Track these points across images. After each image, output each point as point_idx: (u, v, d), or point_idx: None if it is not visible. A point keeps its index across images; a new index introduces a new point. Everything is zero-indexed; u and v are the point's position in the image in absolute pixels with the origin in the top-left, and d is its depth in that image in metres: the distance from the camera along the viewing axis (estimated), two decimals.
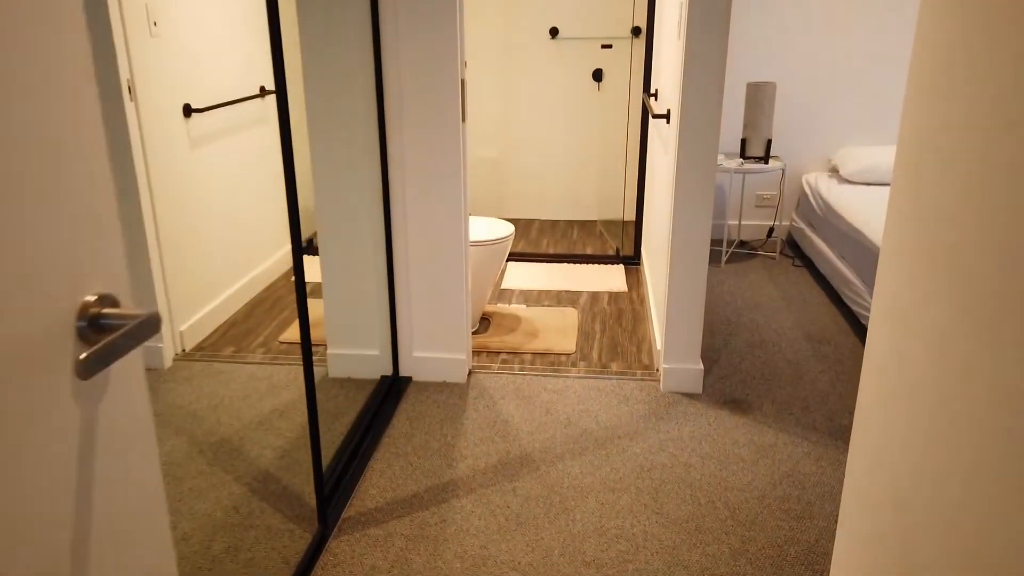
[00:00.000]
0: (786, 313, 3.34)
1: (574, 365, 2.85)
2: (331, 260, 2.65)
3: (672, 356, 2.63)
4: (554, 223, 4.67)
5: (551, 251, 4.15)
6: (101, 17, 2.58)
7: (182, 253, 3.09)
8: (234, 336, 3.22)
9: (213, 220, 3.33)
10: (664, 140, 2.91)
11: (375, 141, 2.49)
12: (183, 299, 3.11)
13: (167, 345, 2.96)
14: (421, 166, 2.52)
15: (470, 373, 2.79)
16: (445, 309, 2.69)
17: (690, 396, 2.62)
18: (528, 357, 2.92)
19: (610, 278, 3.75)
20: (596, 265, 3.94)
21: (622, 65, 4.37)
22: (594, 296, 3.53)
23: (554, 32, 4.34)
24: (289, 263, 3.96)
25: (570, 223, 4.67)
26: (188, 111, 3.12)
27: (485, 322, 3.25)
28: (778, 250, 4.14)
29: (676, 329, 2.61)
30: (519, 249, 4.16)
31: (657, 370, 2.77)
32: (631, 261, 3.97)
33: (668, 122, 2.75)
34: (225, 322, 3.37)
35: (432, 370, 2.75)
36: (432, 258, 2.62)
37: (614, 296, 3.53)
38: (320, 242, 2.65)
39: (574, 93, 4.45)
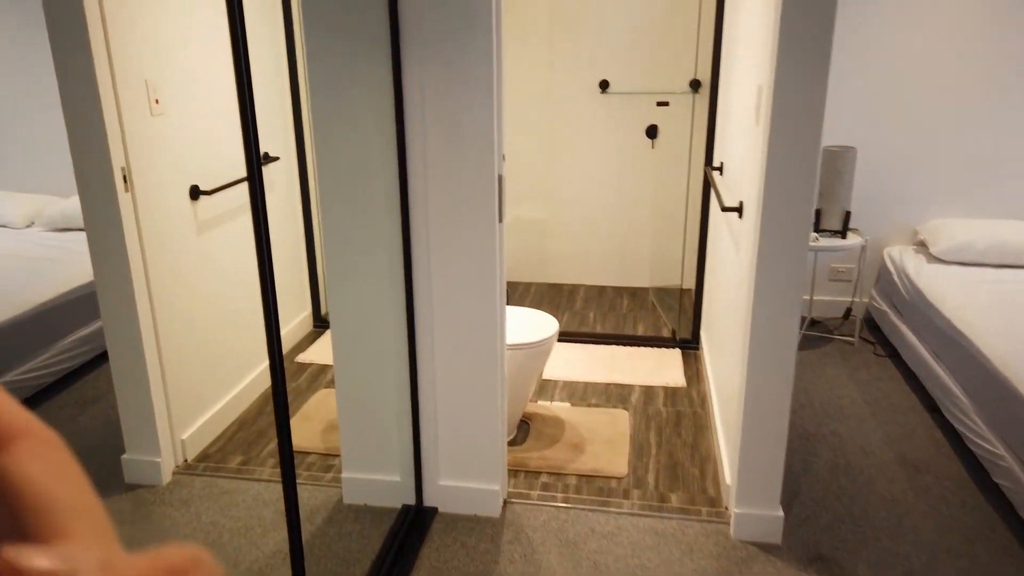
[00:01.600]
0: (873, 423, 2.88)
1: (626, 495, 2.44)
2: (345, 364, 2.30)
3: (745, 499, 2.21)
4: (601, 290, 4.27)
5: (599, 329, 3.75)
6: (90, 99, 2.28)
7: (186, 348, 2.78)
8: (243, 440, 2.89)
9: (222, 307, 3.02)
10: (734, 234, 2.50)
11: (397, 235, 2.14)
12: (187, 401, 2.79)
13: (165, 458, 2.63)
14: (449, 267, 2.16)
15: (505, 504, 2.41)
16: (477, 430, 2.31)
17: (767, 549, 2.19)
18: (573, 481, 2.52)
19: (666, 367, 3.33)
20: (649, 349, 3.52)
21: (680, 122, 3.96)
22: (648, 392, 3.12)
23: (604, 85, 3.97)
24: (310, 345, 3.63)
25: (619, 291, 4.26)
26: (196, 193, 2.81)
27: (524, 427, 2.87)
28: (856, 333, 3.67)
29: (751, 467, 2.19)
30: (563, 327, 3.77)
31: (726, 509, 2.35)
32: (689, 345, 3.55)
33: (740, 216, 2.34)
34: (235, 421, 3.04)
35: (461, 501, 2.37)
36: (462, 371, 2.25)
37: (671, 393, 3.11)
38: (333, 338, 2.30)
39: (625, 150, 4.06)
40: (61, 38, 2.11)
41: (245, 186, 3.06)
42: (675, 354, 3.47)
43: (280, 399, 1.45)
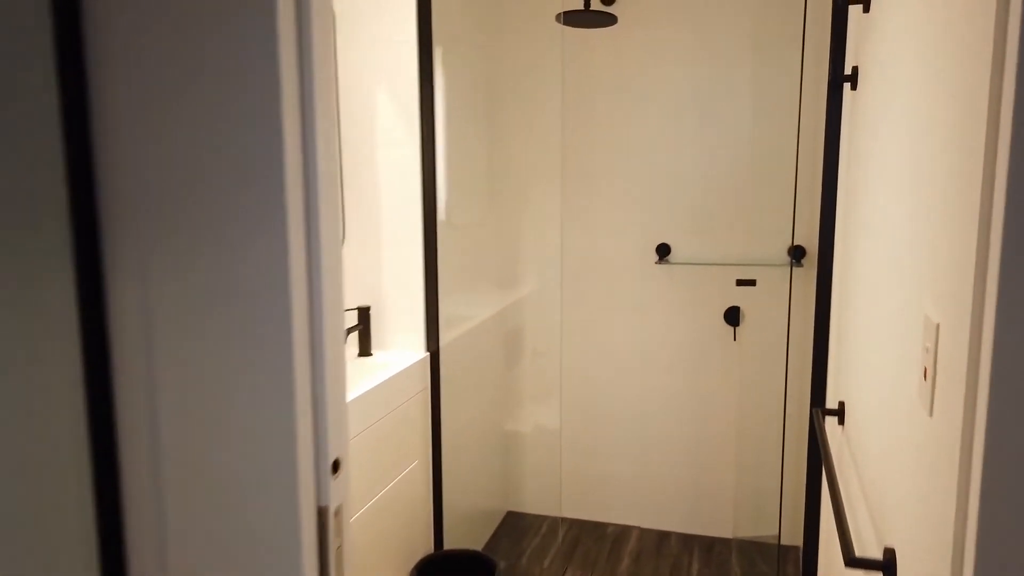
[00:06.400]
0: None
1: None
2: None
3: None
4: (662, 539, 2.96)
5: None
6: None
7: None
8: None
9: None
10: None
11: None
12: None
13: None
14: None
15: None
16: None
17: None
18: None
19: None
20: None
21: (775, 303, 2.76)
22: None
23: (663, 250, 2.84)
24: None
25: (687, 541, 2.93)
26: None
27: None
28: None
29: None
30: None
31: None
32: None
33: None
34: None
35: None
36: None
37: None
38: None
39: (695, 342, 2.86)
40: None
41: None
42: None
43: None
